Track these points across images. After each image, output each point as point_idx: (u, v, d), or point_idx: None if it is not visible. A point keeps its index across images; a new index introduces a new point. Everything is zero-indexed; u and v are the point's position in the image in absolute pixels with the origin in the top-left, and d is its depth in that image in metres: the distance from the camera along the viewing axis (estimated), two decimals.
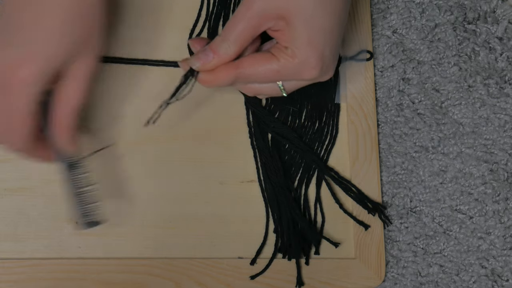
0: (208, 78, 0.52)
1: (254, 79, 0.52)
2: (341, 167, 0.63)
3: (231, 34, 0.51)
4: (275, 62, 0.51)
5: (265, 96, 0.58)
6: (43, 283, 0.56)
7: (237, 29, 0.50)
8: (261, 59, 0.51)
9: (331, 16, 0.50)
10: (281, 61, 0.51)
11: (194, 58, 0.52)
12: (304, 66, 0.51)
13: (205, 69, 0.52)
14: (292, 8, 0.49)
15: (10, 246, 0.56)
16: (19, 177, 0.57)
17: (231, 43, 0.51)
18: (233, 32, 0.51)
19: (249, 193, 0.61)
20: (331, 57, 0.52)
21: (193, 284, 0.59)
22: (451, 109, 0.66)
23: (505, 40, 0.66)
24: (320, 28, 0.50)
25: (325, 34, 0.50)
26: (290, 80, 0.53)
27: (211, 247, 0.60)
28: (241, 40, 0.51)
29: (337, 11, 0.51)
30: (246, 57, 0.52)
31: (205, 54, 0.51)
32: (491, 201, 0.66)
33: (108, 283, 0.57)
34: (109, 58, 0.59)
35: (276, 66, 0.51)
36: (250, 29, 0.51)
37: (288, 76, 0.52)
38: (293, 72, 0.51)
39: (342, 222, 0.63)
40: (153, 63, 0.60)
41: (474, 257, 0.65)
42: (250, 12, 0.50)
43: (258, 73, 0.52)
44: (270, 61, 0.51)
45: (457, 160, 0.66)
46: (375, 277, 0.63)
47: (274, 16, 0.50)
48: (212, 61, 0.51)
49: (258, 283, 0.60)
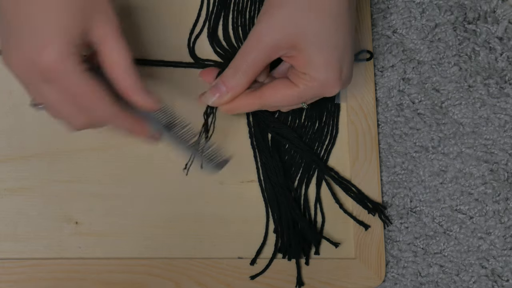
0: (230, 108, 0.53)
1: (277, 106, 0.54)
2: (341, 167, 0.63)
3: (241, 66, 0.51)
4: (296, 89, 0.52)
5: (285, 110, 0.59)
6: (43, 283, 0.56)
7: (248, 61, 0.51)
8: (281, 87, 0.52)
9: (343, 32, 0.51)
10: (301, 87, 0.52)
11: (208, 94, 0.53)
12: (324, 86, 0.51)
13: (221, 104, 0.53)
14: (303, 36, 0.50)
15: (10, 246, 0.56)
16: (19, 177, 0.57)
17: (242, 75, 0.52)
18: (243, 63, 0.51)
19: (249, 193, 0.61)
20: (349, 70, 0.52)
21: (193, 284, 0.59)
22: (451, 109, 0.66)
23: (505, 40, 0.66)
24: (334, 47, 0.50)
25: (340, 51, 0.51)
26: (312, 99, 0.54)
27: (211, 247, 0.60)
28: (252, 71, 0.52)
29: (347, 25, 0.51)
30: (266, 86, 0.53)
31: (217, 89, 0.53)
32: (491, 201, 0.66)
33: (108, 283, 0.57)
34: None
35: (297, 93, 0.52)
36: (261, 60, 0.51)
37: (310, 98, 0.53)
38: (315, 94, 0.53)
39: (342, 222, 0.63)
40: (153, 63, 0.60)
41: (474, 257, 0.65)
42: (261, 44, 0.50)
43: (280, 101, 0.53)
44: (291, 88, 0.52)
45: (457, 160, 0.66)
46: (375, 277, 0.63)
47: (286, 46, 0.50)
48: (227, 95, 0.52)
49: (258, 283, 0.60)
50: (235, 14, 0.62)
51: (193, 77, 0.61)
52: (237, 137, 0.61)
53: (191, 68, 0.60)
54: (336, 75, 0.51)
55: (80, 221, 0.58)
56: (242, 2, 0.62)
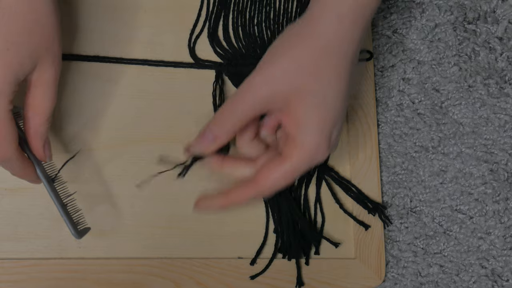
0: (228, 202, 0.51)
1: (275, 187, 0.50)
2: (341, 167, 0.63)
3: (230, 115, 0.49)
4: (288, 163, 0.49)
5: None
6: (43, 283, 0.56)
7: (237, 111, 0.49)
8: (273, 166, 0.49)
9: (341, 94, 0.48)
10: (293, 159, 0.49)
11: (194, 142, 0.51)
12: (316, 153, 0.49)
13: (208, 151, 0.51)
14: (297, 94, 0.47)
15: (10, 246, 0.56)
16: None
17: (230, 125, 0.49)
18: (232, 113, 0.49)
19: None
20: (338, 137, 0.50)
21: (193, 284, 0.59)
22: (451, 109, 0.66)
23: (505, 40, 0.66)
24: (331, 109, 0.48)
25: (335, 114, 0.49)
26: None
27: (211, 247, 0.60)
28: (239, 122, 0.49)
29: (344, 90, 0.49)
30: (259, 172, 0.50)
31: (204, 137, 0.50)
32: (491, 201, 0.66)
33: (108, 283, 0.57)
34: (109, 58, 0.59)
35: (290, 167, 0.49)
36: (250, 112, 0.49)
37: (304, 168, 0.50)
38: (308, 162, 0.49)
39: (342, 222, 0.63)
40: (152, 63, 0.60)
41: (474, 257, 0.65)
42: (252, 96, 0.48)
43: (276, 180, 0.50)
44: (284, 163, 0.49)
45: (457, 160, 0.66)
46: (375, 277, 0.63)
47: (278, 101, 0.48)
48: (213, 144, 0.50)
49: (258, 283, 0.60)
50: (235, 14, 0.62)
51: (193, 77, 0.61)
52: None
53: (191, 68, 0.61)
54: (326, 140, 0.49)
55: None
56: (242, 2, 0.62)
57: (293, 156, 0.49)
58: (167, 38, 0.60)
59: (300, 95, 0.48)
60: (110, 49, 0.59)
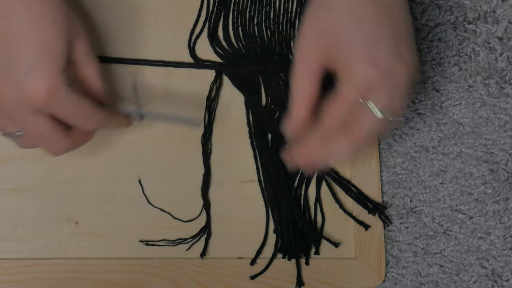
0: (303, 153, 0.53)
1: (337, 118, 0.51)
2: (341, 167, 0.63)
3: (301, 80, 0.52)
4: (339, 89, 0.50)
5: (384, 133, 0.57)
6: (43, 283, 0.56)
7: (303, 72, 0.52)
8: (331, 97, 0.51)
9: (367, 19, 0.50)
10: (342, 84, 0.50)
11: (286, 124, 0.54)
12: (360, 73, 0.49)
13: (299, 126, 0.53)
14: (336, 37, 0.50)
15: (10, 246, 0.56)
16: (19, 177, 0.57)
17: (305, 89, 0.52)
18: (301, 76, 0.52)
19: (249, 193, 0.61)
20: (391, 55, 0.50)
21: (193, 284, 0.59)
22: (451, 109, 0.66)
23: (505, 40, 0.66)
24: (355, 35, 0.50)
25: (365, 36, 0.50)
26: (371, 94, 0.50)
27: (211, 247, 0.60)
28: (310, 82, 0.52)
29: (372, 12, 0.50)
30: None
31: (290, 115, 0.53)
32: (491, 201, 0.66)
33: (108, 283, 0.57)
34: (109, 58, 0.59)
35: (341, 91, 0.50)
36: (314, 67, 0.51)
37: (356, 93, 0.50)
38: (357, 85, 0.50)
39: (342, 222, 0.63)
40: (153, 63, 0.60)
41: (474, 257, 0.65)
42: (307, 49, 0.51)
43: (335, 109, 0.51)
44: (336, 92, 0.51)
45: (457, 160, 0.66)
46: (375, 277, 0.63)
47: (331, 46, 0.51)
48: (300, 114, 0.52)
49: (258, 283, 0.60)
50: (235, 14, 0.62)
51: (193, 77, 0.61)
52: (237, 137, 0.61)
53: (191, 68, 0.60)
54: (361, 56, 0.49)
55: (80, 221, 0.58)
56: (242, 2, 0.62)
57: (340, 82, 0.51)
58: (167, 38, 0.60)
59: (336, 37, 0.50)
60: (110, 49, 0.59)
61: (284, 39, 0.62)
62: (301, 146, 0.53)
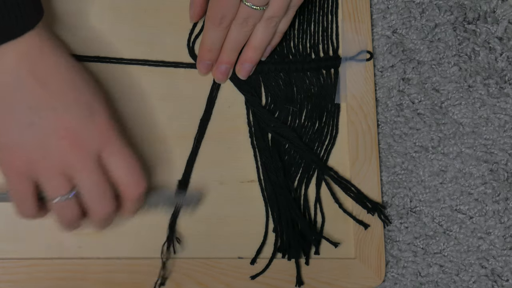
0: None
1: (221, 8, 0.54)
2: (341, 167, 0.63)
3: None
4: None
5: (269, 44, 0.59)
6: (43, 283, 0.56)
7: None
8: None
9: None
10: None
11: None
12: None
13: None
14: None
15: (10, 246, 0.56)
16: None
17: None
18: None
19: (249, 193, 0.61)
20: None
21: (193, 284, 0.59)
22: (451, 109, 0.66)
23: (505, 40, 0.66)
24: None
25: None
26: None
27: (211, 247, 0.60)
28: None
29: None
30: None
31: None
32: (491, 201, 0.66)
33: (108, 283, 0.57)
34: (109, 58, 0.59)
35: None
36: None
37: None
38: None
39: (342, 222, 0.63)
40: (153, 63, 0.60)
41: (474, 257, 0.65)
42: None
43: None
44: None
45: (457, 160, 0.66)
46: (375, 277, 0.63)
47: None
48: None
49: (258, 283, 0.60)
50: None
51: (193, 77, 0.61)
52: (237, 137, 0.61)
53: (191, 68, 0.61)
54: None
55: None
56: None
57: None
58: (167, 38, 0.60)
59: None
60: (110, 49, 0.59)
61: (284, 39, 0.62)
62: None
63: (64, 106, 0.47)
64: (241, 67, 0.59)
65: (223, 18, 0.54)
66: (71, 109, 0.47)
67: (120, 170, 0.49)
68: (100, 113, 0.49)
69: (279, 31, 0.58)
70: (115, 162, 0.49)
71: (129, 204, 0.51)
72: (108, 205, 0.50)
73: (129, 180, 0.50)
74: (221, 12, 0.54)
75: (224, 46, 0.58)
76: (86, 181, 0.48)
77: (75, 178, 0.48)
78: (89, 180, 0.48)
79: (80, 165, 0.48)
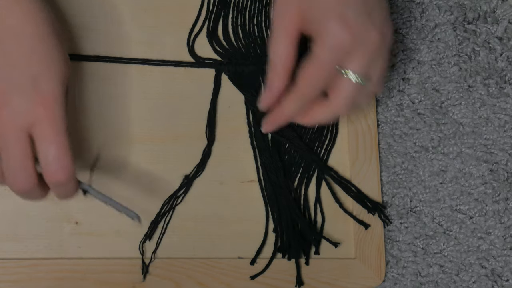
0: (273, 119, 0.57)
1: (313, 82, 0.53)
2: (341, 167, 0.63)
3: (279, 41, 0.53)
4: (313, 52, 0.52)
5: (357, 104, 0.56)
6: (43, 283, 0.56)
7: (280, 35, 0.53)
8: (305, 63, 0.53)
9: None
10: (316, 46, 0.52)
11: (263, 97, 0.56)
12: (331, 33, 0.51)
13: (280, 89, 0.54)
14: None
15: (10, 246, 0.56)
16: None
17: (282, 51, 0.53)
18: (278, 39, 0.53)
19: (249, 193, 0.61)
20: (360, 16, 0.51)
21: (193, 284, 0.59)
22: (451, 109, 0.66)
23: (505, 40, 0.66)
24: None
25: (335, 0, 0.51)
26: (345, 58, 0.52)
27: (211, 247, 0.60)
28: (287, 45, 0.53)
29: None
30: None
31: (268, 89, 0.55)
32: (491, 201, 0.66)
33: (108, 283, 0.57)
34: (109, 57, 0.59)
35: (315, 53, 0.52)
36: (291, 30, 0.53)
37: (330, 54, 0.52)
38: (329, 46, 0.51)
39: (342, 222, 0.63)
40: (153, 63, 0.60)
41: (474, 257, 0.65)
42: (284, 17, 0.53)
43: (309, 72, 0.52)
44: (310, 55, 0.52)
45: (457, 160, 0.66)
46: (375, 277, 0.63)
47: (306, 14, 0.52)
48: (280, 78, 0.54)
49: (258, 283, 0.60)
50: (235, 13, 0.62)
51: (193, 77, 0.61)
52: (237, 137, 0.61)
53: (191, 67, 0.61)
54: (336, 18, 0.51)
55: (80, 221, 0.58)
56: (242, 2, 0.62)
57: (314, 46, 0.52)
58: (167, 38, 0.60)
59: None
60: (110, 49, 0.59)
61: None
62: (278, 109, 0.56)
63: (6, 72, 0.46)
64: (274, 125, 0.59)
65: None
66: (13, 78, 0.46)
67: (47, 151, 0.47)
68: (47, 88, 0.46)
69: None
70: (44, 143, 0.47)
71: (52, 188, 0.49)
72: (23, 182, 0.47)
73: (51, 164, 0.47)
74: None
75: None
76: (5, 151, 0.46)
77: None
78: (8, 151, 0.46)
79: (4, 134, 0.46)
